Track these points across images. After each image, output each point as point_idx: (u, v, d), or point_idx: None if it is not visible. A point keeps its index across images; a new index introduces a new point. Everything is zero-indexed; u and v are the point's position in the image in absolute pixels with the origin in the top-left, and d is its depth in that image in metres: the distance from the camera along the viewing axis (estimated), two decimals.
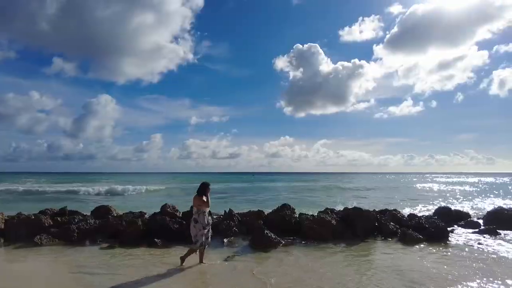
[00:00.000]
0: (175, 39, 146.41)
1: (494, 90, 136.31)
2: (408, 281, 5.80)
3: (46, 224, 9.50)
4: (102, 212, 11.73)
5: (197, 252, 6.87)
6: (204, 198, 6.77)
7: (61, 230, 9.12)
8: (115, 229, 9.35)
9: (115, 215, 11.50)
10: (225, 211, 11.11)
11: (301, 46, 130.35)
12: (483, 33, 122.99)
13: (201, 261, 6.88)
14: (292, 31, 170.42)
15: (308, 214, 10.31)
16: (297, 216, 10.29)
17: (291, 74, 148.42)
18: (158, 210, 11.09)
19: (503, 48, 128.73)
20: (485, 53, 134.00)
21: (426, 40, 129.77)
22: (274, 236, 8.56)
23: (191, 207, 7.52)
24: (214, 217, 11.24)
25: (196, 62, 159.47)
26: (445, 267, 6.64)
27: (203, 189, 6.83)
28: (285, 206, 10.66)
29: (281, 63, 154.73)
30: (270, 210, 10.86)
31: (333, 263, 7.05)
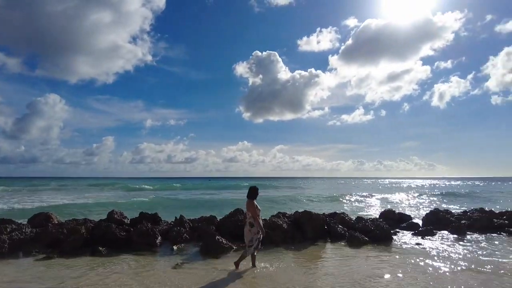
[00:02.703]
0: (134, 39, 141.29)
1: (435, 101, 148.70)
2: (353, 282, 6.01)
3: None
4: (40, 219, 10.83)
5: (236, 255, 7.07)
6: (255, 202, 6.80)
7: None
8: (54, 238, 8.68)
9: (56, 222, 10.70)
10: (175, 217, 10.79)
11: (260, 53, 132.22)
12: (427, 50, 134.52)
13: (253, 265, 6.88)
14: (252, 38, 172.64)
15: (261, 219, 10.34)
16: None
17: (251, 80, 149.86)
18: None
19: (442, 65, 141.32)
20: (428, 68, 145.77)
21: (377, 53, 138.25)
22: (225, 242, 8.47)
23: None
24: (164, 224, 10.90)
25: (155, 64, 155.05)
26: (388, 267, 6.98)
27: (254, 192, 6.85)
28: (238, 211, 10.62)
29: (241, 69, 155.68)
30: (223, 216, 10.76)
31: (283, 266, 7.11)
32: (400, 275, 6.44)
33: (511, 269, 6.79)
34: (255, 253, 6.93)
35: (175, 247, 8.76)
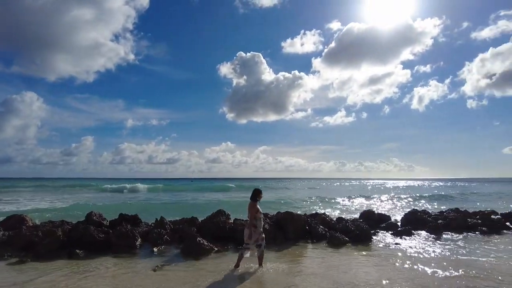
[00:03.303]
0: (116, 37, 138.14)
1: (414, 104, 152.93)
2: (333, 282, 6.08)
3: None
4: (14, 222, 10.44)
5: (237, 257, 7.09)
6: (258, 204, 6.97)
7: None
8: (28, 241, 8.38)
9: (31, 225, 10.33)
10: (156, 219, 10.63)
11: (244, 54, 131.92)
12: (407, 54, 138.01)
13: (260, 265, 7.00)
14: (237, 39, 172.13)
15: (243, 220, 10.33)
16: (232, 221, 10.25)
17: (235, 81, 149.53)
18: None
19: (422, 69, 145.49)
20: (408, 72, 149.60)
21: (359, 57, 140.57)
22: (206, 243, 8.40)
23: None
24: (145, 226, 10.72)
25: (137, 63, 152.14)
26: (367, 267, 7.11)
27: (257, 195, 7.02)
28: (220, 212, 10.57)
29: (225, 69, 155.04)
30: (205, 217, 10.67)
31: (265, 267, 7.10)
32: (380, 274, 6.56)
33: (488, 268, 7.03)
34: (263, 254, 7.04)
35: (155, 249, 8.62)
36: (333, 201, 26.46)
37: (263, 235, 7.05)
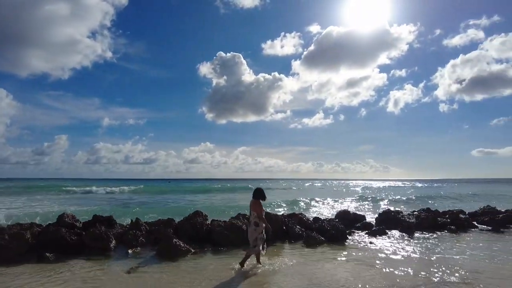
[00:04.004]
0: (93, 34, 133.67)
1: (390, 108, 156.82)
2: (308, 281, 6.17)
3: None
4: None
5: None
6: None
7: None
8: None
9: None
10: (131, 220, 10.41)
11: (224, 54, 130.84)
12: (384, 58, 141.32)
13: (258, 262, 7.16)
14: (217, 39, 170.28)
15: (220, 221, 10.29)
16: (210, 223, 10.19)
17: (215, 81, 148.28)
18: None
19: (397, 73, 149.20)
20: (384, 76, 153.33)
21: (338, 60, 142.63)
22: (183, 245, 8.31)
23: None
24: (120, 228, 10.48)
25: (115, 61, 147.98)
26: (342, 266, 7.26)
27: (260, 193, 7.12)
28: (197, 213, 10.48)
29: (205, 69, 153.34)
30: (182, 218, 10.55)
31: (242, 268, 7.12)
32: (354, 273, 6.70)
33: (458, 265, 7.32)
34: (263, 252, 7.20)
35: (130, 251, 8.45)
36: (310, 201, 26.79)
37: (264, 235, 7.14)
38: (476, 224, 13.03)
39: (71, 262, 7.47)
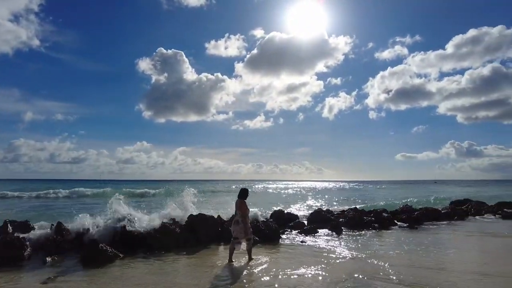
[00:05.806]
0: (16, 18, 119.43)
1: (325, 113, 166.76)
2: (240, 282, 6.21)
3: None
4: None
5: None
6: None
7: None
8: None
9: None
10: (52, 224, 9.49)
11: (165, 51, 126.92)
12: (321, 66, 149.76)
13: (250, 258, 7.67)
14: (159, 35, 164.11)
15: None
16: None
17: (154, 77, 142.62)
18: None
19: (333, 81, 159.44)
20: (321, 83, 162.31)
21: (279, 65, 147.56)
22: (110, 250, 7.82)
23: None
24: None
25: (43, 50, 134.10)
26: (276, 265, 7.42)
27: (245, 193, 7.76)
28: None
29: (144, 64, 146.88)
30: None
31: (171, 272, 6.93)
32: (284, 271, 6.90)
33: (383, 261, 7.94)
34: (239, 248, 7.59)
35: (49, 259, 7.70)
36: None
37: (251, 230, 7.71)
38: (396, 222, 14.32)
39: None
